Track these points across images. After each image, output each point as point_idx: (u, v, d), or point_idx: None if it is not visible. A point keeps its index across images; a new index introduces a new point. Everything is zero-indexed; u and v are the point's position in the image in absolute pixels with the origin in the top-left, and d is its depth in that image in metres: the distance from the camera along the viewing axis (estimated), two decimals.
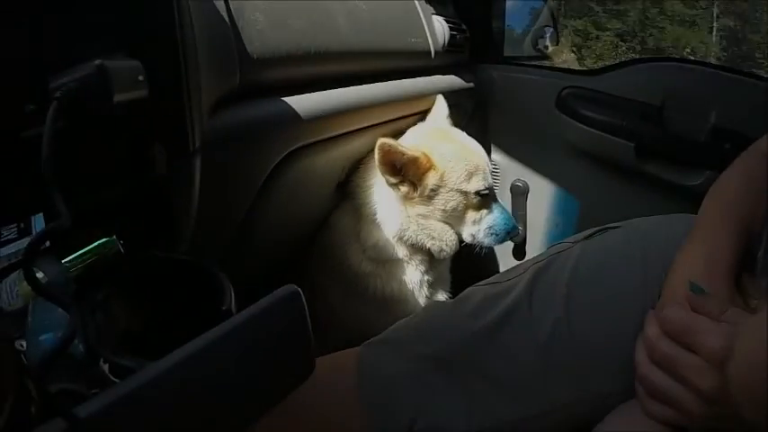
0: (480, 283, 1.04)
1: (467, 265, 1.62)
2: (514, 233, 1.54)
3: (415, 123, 1.59)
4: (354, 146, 1.34)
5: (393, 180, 1.37)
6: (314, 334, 0.59)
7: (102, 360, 0.55)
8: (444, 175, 1.40)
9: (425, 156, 1.37)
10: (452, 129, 1.57)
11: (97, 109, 0.61)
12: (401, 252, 1.47)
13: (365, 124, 1.31)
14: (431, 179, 1.39)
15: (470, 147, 1.50)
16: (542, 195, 2.04)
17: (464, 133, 1.55)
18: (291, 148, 1.08)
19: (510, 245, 2.09)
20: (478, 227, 1.48)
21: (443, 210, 1.42)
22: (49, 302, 0.51)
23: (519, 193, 2.04)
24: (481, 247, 1.50)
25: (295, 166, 1.12)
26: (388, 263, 1.48)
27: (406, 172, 1.37)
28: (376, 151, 1.31)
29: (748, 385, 0.65)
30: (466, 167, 1.42)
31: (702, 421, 0.72)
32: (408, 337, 0.99)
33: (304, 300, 0.58)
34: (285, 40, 1.04)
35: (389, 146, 1.31)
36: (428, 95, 1.59)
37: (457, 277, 1.65)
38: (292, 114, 1.05)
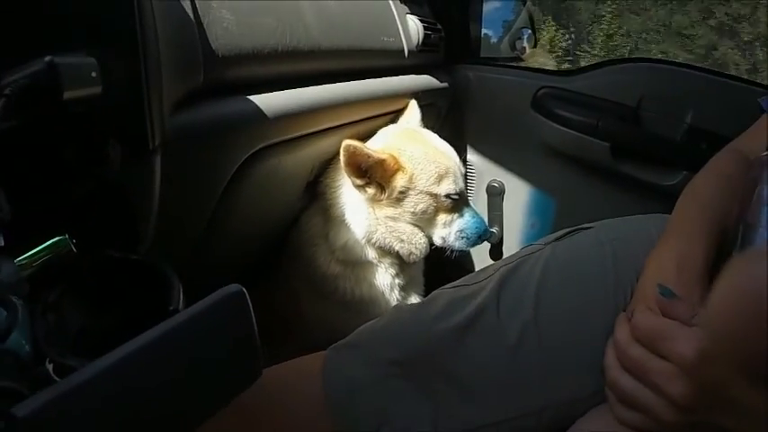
0: (447, 285, 1.02)
1: (441, 267, 1.61)
2: (486, 236, 1.53)
3: (388, 123, 1.58)
4: (324, 145, 1.32)
5: (359, 182, 1.36)
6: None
7: (47, 360, 0.54)
8: (413, 177, 1.39)
9: (393, 158, 1.36)
10: (423, 130, 1.55)
11: (47, 106, 0.60)
12: (370, 254, 1.45)
13: (335, 123, 1.29)
14: (399, 181, 1.38)
15: (441, 149, 1.48)
16: (518, 196, 2.04)
17: (435, 135, 1.54)
18: (257, 147, 1.06)
19: (486, 246, 2.08)
20: (449, 230, 1.46)
21: (413, 212, 1.41)
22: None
23: (495, 194, 2.04)
24: (452, 251, 1.49)
25: (262, 166, 1.11)
26: (357, 265, 1.46)
27: (372, 174, 1.36)
28: (341, 153, 1.29)
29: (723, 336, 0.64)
30: (436, 170, 1.40)
31: (674, 427, 0.70)
32: (373, 341, 0.97)
33: (248, 300, 0.57)
34: (252, 39, 1.03)
35: (354, 147, 1.29)
36: (401, 95, 1.58)
37: (431, 279, 1.63)
38: (258, 113, 1.03)
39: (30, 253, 0.63)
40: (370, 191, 1.38)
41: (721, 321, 0.63)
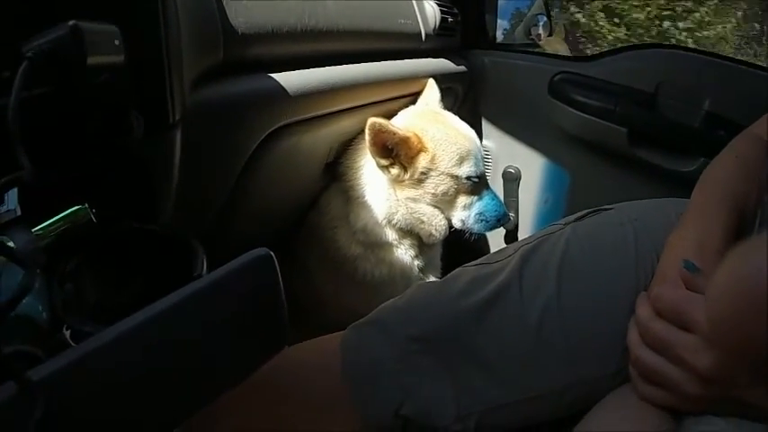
0: (468, 264, 1.01)
1: (458, 250, 1.59)
2: (505, 220, 1.53)
3: (405, 106, 1.57)
4: (342, 126, 1.32)
5: (383, 162, 1.36)
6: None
7: (64, 327, 0.54)
8: (435, 157, 1.39)
9: (416, 137, 1.36)
10: (444, 112, 1.55)
11: (70, 71, 0.59)
12: (390, 236, 1.45)
13: (353, 104, 1.29)
14: (421, 162, 1.38)
15: (462, 131, 1.48)
16: (534, 182, 2.03)
17: (456, 117, 1.54)
18: (277, 126, 1.06)
19: (502, 232, 2.07)
20: (468, 212, 1.47)
21: (433, 194, 1.41)
22: (18, 268, 0.49)
23: (511, 180, 2.03)
24: (471, 234, 1.49)
25: (281, 145, 1.11)
26: (377, 246, 1.47)
27: (397, 153, 1.36)
28: (366, 130, 1.30)
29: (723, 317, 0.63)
30: (458, 151, 1.41)
31: (699, 404, 0.70)
32: (394, 318, 0.96)
33: (276, 264, 0.56)
34: (272, 17, 1.03)
35: (380, 125, 1.29)
36: (418, 78, 1.57)
37: (448, 263, 1.63)
38: (278, 91, 1.03)
39: (47, 222, 0.63)
40: (394, 171, 1.38)
41: (719, 308, 0.63)
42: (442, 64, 1.74)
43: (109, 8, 0.65)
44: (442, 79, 1.66)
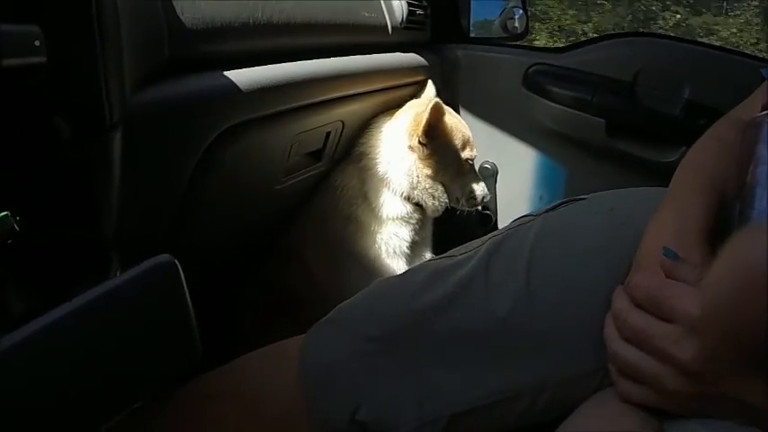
0: (432, 258, 0.97)
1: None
2: (486, 200, 1.75)
3: (380, 102, 1.60)
4: (303, 123, 1.27)
5: (423, 140, 1.55)
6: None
7: None
8: (449, 141, 1.61)
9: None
10: (446, 106, 1.67)
11: None
12: (403, 210, 1.61)
13: (313, 100, 1.24)
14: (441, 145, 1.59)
15: (462, 121, 1.72)
16: (512, 177, 1.99)
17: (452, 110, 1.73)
18: (228, 125, 1.02)
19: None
20: (462, 191, 1.68)
21: (444, 172, 1.61)
22: None
23: (488, 176, 1.98)
24: (460, 211, 1.70)
25: (234, 145, 1.07)
26: (388, 221, 1.61)
27: (433, 134, 1.56)
28: (429, 110, 1.50)
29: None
30: (462, 137, 1.64)
31: (683, 400, 0.64)
32: (352, 316, 0.92)
33: (181, 272, 0.53)
34: (222, 12, 0.98)
35: (443, 108, 1.54)
36: (386, 72, 1.53)
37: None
38: (228, 88, 0.99)
39: None
40: (425, 150, 1.57)
41: (718, 293, 0.58)
42: (411, 58, 1.69)
43: (34, 7, 0.61)
44: (411, 73, 1.64)
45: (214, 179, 1.08)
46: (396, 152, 1.58)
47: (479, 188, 1.70)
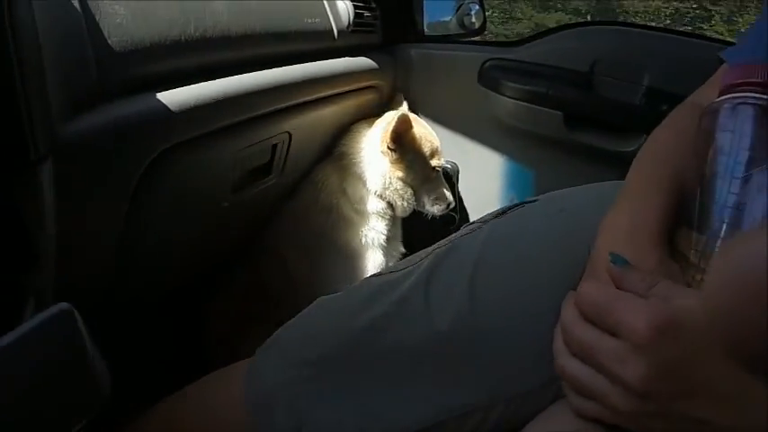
0: (374, 273, 0.94)
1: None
2: (452, 206, 1.83)
3: (329, 111, 1.58)
4: (249, 137, 1.24)
5: (392, 146, 1.68)
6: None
7: None
8: (419, 149, 1.74)
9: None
10: (417, 117, 1.86)
11: None
12: (378, 206, 1.74)
13: (254, 114, 1.20)
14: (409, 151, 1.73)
15: (432, 133, 1.83)
16: (477, 177, 1.96)
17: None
18: (163, 148, 0.98)
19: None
20: (428, 196, 1.80)
21: (414, 177, 1.74)
22: None
23: (448, 176, 1.96)
24: (427, 215, 1.82)
25: (174, 167, 1.03)
26: (366, 215, 1.75)
27: (399, 142, 1.69)
28: (395, 122, 1.63)
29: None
30: (431, 146, 1.77)
31: (638, 418, 0.59)
32: (292, 339, 0.90)
33: (78, 319, 0.51)
34: (151, 32, 0.95)
35: (408, 119, 1.67)
36: (333, 79, 1.49)
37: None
38: (160, 110, 0.95)
39: None
40: (394, 155, 1.70)
41: (718, 298, 0.53)
42: (359, 62, 1.65)
43: None
44: (361, 78, 1.61)
45: (157, 201, 1.05)
46: (373, 154, 1.72)
47: (445, 195, 1.81)
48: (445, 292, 0.82)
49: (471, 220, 1.91)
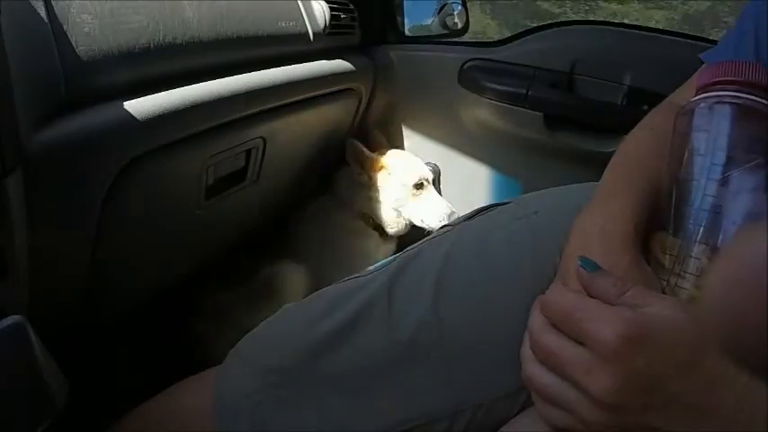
0: (340, 280, 0.92)
1: None
2: (449, 215, 1.85)
3: (307, 115, 1.54)
4: (221, 143, 1.22)
5: (358, 171, 1.86)
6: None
7: None
8: (391, 174, 1.86)
9: (377, 159, 1.88)
10: (401, 152, 2.00)
11: None
12: (364, 226, 1.89)
13: (225, 119, 1.18)
14: (383, 176, 1.87)
15: (417, 160, 1.92)
16: (455, 178, 1.96)
17: (409, 154, 1.98)
18: (131, 157, 0.96)
19: None
20: (422, 212, 1.86)
21: (395, 201, 1.85)
22: None
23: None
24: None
25: (143, 175, 1.01)
26: (359, 236, 1.90)
27: (368, 167, 1.86)
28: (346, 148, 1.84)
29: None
30: (415, 175, 1.85)
31: (607, 429, 0.57)
32: (256, 347, 0.89)
33: (30, 332, 0.51)
34: (119, 41, 0.94)
35: (356, 146, 1.85)
36: (307, 82, 1.47)
37: None
38: (126, 119, 0.94)
39: None
40: (363, 178, 1.86)
41: (717, 301, 0.52)
42: (336, 65, 1.63)
43: None
44: (337, 80, 1.59)
45: (128, 209, 1.04)
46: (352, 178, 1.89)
47: (437, 207, 1.87)
48: (409, 298, 0.80)
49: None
